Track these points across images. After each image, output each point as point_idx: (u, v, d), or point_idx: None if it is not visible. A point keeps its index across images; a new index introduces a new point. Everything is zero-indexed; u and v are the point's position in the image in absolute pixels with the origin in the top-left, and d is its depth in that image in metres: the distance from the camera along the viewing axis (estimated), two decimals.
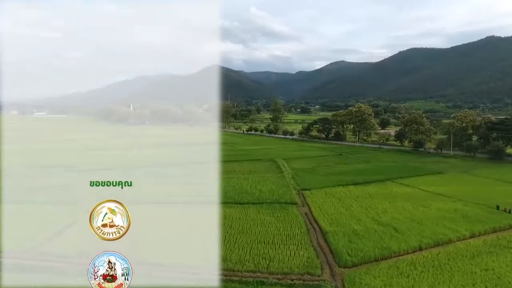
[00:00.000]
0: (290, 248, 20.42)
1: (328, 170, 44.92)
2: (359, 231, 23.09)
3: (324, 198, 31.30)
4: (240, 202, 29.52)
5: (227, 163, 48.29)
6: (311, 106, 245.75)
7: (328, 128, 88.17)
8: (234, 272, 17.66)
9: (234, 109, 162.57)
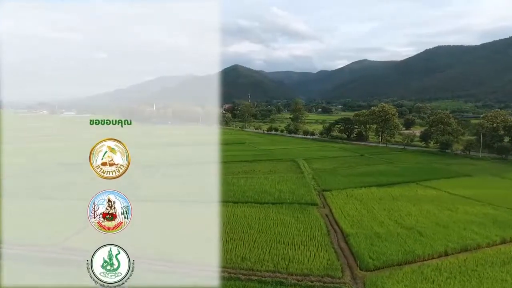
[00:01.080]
0: (310, 249, 20.19)
1: (349, 171, 44.13)
2: (381, 234, 22.51)
3: (345, 199, 30.77)
4: (260, 201, 29.52)
5: (247, 163, 48.52)
6: (332, 106, 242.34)
7: (350, 128, 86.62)
8: (253, 271, 17.67)
9: (254, 109, 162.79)
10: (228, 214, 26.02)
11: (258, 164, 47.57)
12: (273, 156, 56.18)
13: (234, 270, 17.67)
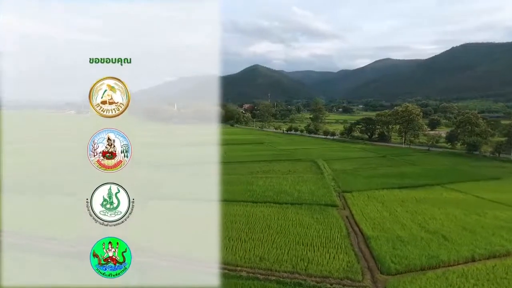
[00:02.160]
0: (330, 251, 19.93)
1: (371, 172, 43.19)
2: (404, 237, 21.89)
3: (366, 201, 30.15)
4: (279, 202, 29.42)
5: (266, 163, 48.47)
6: (353, 106, 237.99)
7: (372, 128, 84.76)
8: (272, 271, 17.64)
9: (274, 109, 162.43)
10: (247, 214, 26.10)
11: (277, 164, 47.42)
12: (292, 156, 55.85)
13: (252, 270, 17.71)
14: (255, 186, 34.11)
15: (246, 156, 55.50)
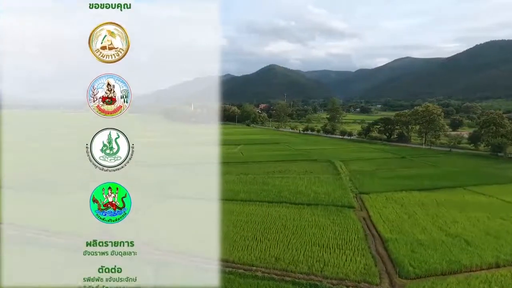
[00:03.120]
0: (346, 253, 19.65)
1: (389, 174, 42.29)
2: (423, 240, 21.31)
3: (384, 203, 29.55)
4: (295, 202, 29.25)
5: (282, 163, 48.29)
6: (371, 106, 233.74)
7: (391, 129, 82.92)
8: (287, 272, 17.56)
9: (290, 109, 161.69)
10: (263, 214, 26.09)
11: (293, 164, 47.15)
12: (308, 156, 55.41)
13: (268, 270, 17.68)
14: (271, 186, 34.04)
15: (262, 156, 55.49)
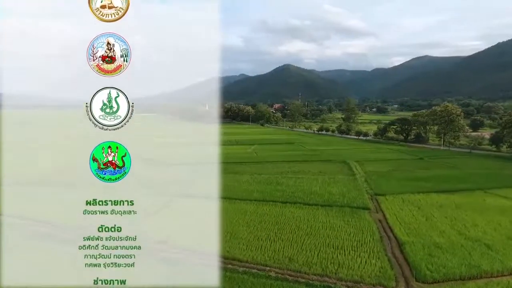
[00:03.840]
0: (361, 255, 19.37)
1: (406, 175, 41.43)
2: (442, 244, 20.78)
3: (401, 205, 28.97)
4: (309, 203, 29.05)
5: (296, 163, 48.06)
6: (388, 106, 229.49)
7: (408, 129, 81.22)
8: (301, 273, 17.46)
9: (305, 109, 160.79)
10: (276, 214, 26.04)
11: (307, 165, 46.84)
12: (323, 157, 54.93)
13: (281, 271, 17.63)
14: (285, 186, 33.93)
15: (276, 156, 55.39)
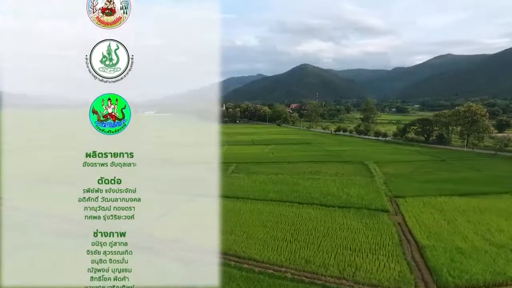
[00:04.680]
0: (380, 258, 19.00)
1: (427, 177, 40.31)
2: (464, 249, 20.09)
3: (421, 207, 28.22)
4: (326, 204, 28.75)
5: (313, 163, 47.65)
6: (408, 105, 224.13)
7: (429, 130, 78.93)
8: (317, 275, 17.30)
9: (322, 109, 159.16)
10: (293, 215, 25.92)
11: (325, 165, 46.37)
12: (340, 157, 54.22)
13: (297, 272, 17.54)
14: (302, 187, 33.72)
15: (292, 156, 55.16)
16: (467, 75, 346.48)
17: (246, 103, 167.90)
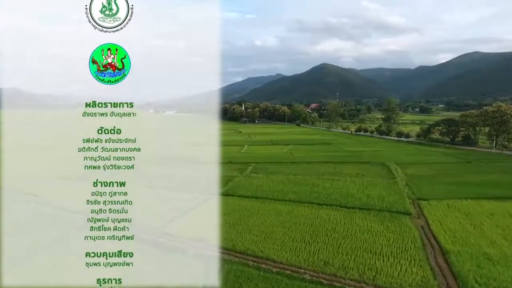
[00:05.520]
0: (401, 262, 18.48)
1: (452, 179, 38.88)
2: (492, 255, 19.22)
3: (446, 211, 27.23)
4: (345, 205, 28.27)
5: (332, 164, 47.00)
6: (432, 105, 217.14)
7: (455, 130, 76.09)
8: (337, 277, 17.03)
9: (342, 109, 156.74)
10: (312, 216, 25.65)
11: (344, 166, 45.62)
12: (361, 158, 53.22)
13: (316, 274, 17.32)
14: (321, 188, 33.32)
15: (312, 156, 54.66)
16: (496, 73, 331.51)
17: (265, 103, 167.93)
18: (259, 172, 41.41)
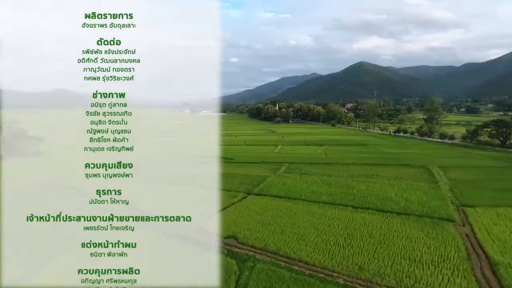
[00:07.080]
0: (443, 272, 17.39)
1: (503, 185, 35.92)
2: None
3: (494, 219, 25.22)
4: (382, 209, 27.15)
5: (369, 166, 45.44)
6: (481, 105, 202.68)
7: (506, 132, 70.42)
8: (372, 284, 16.42)
9: (380, 108, 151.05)
10: (346, 219, 24.95)
11: (382, 169, 43.88)
12: (399, 160, 50.88)
13: (350, 279, 16.82)
14: (356, 190, 32.30)
15: (347, 157, 53.20)
16: None
17: (299, 103, 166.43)
18: (292, 173, 41.07)
